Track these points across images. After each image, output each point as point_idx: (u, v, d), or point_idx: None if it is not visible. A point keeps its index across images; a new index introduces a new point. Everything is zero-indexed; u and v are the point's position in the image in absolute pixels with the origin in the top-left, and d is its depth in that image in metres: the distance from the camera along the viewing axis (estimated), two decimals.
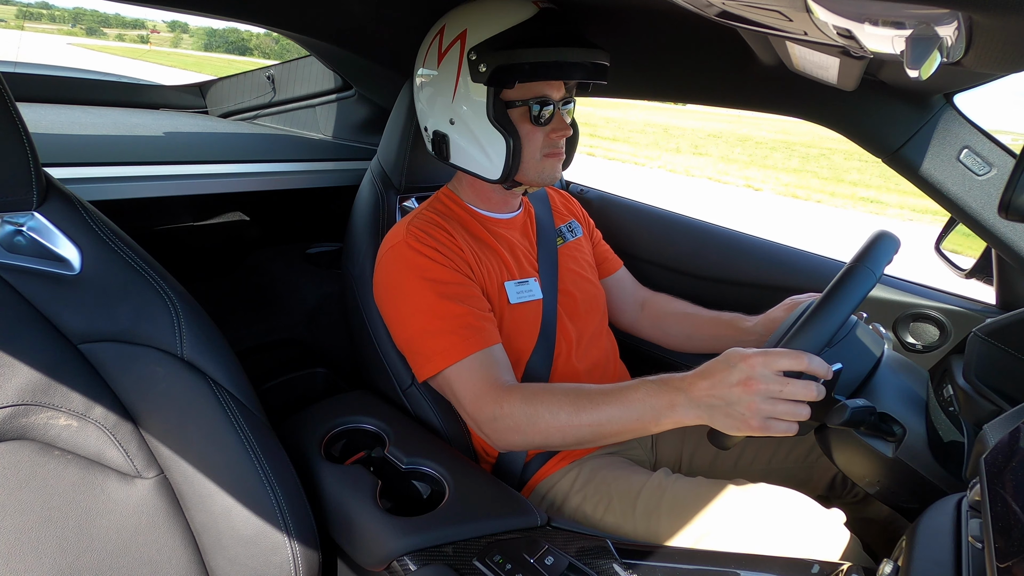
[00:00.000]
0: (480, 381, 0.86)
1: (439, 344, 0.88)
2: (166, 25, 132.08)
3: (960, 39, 0.46)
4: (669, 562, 0.73)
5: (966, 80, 0.84)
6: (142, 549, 0.66)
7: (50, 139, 1.18)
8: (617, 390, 0.78)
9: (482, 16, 0.90)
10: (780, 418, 0.67)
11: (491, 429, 0.85)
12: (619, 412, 0.77)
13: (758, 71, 1.00)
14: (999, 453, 0.49)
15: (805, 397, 0.67)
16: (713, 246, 1.37)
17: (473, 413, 0.86)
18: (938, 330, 1.15)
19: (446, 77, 0.93)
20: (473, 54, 0.88)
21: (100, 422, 0.65)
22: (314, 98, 1.77)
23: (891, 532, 1.00)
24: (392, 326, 0.96)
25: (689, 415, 0.72)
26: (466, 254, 0.95)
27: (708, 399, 0.71)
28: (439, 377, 0.90)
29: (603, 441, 0.81)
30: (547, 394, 0.82)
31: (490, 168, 0.94)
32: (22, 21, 62.27)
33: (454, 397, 0.90)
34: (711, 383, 0.71)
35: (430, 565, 0.71)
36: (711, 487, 0.89)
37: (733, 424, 0.69)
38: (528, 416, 0.81)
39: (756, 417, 0.67)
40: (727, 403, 0.69)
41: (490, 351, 0.88)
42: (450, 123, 0.95)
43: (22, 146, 0.62)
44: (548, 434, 0.81)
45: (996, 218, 0.93)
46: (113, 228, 0.71)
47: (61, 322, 0.65)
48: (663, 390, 0.75)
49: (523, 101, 0.92)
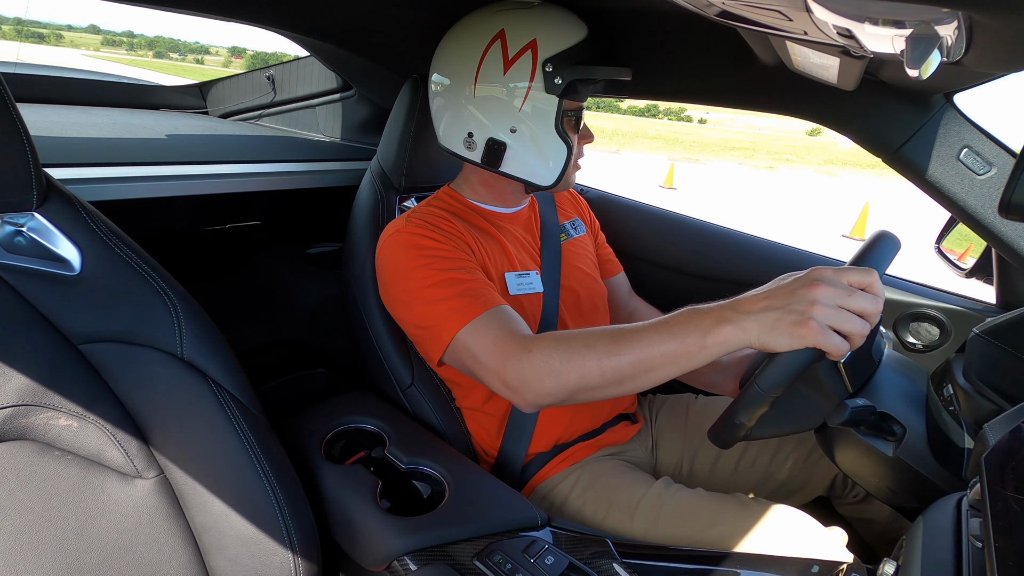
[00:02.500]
0: (501, 333, 0.81)
1: (448, 309, 0.84)
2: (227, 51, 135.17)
3: (960, 39, 0.46)
4: (669, 562, 0.73)
5: (966, 80, 0.84)
6: (142, 549, 0.66)
7: (50, 139, 1.18)
8: (658, 320, 0.73)
9: (549, 28, 0.91)
10: (841, 328, 0.61)
11: (520, 379, 0.77)
12: (661, 338, 0.70)
13: (758, 71, 1.00)
14: (999, 452, 0.49)
15: (871, 311, 0.62)
16: (714, 246, 1.37)
17: (499, 367, 0.79)
18: (938, 330, 1.15)
19: (515, 85, 0.91)
20: (549, 65, 0.89)
21: (100, 422, 0.65)
22: (314, 98, 1.77)
23: (891, 532, 1.00)
24: (399, 312, 0.94)
25: (738, 332, 0.66)
26: (467, 237, 0.95)
27: (762, 308, 0.65)
28: (455, 344, 0.84)
29: (646, 378, 0.72)
30: (581, 332, 0.77)
31: (547, 175, 0.96)
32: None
33: (475, 360, 0.83)
34: (766, 294, 0.66)
35: (430, 565, 0.71)
36: (710, 501, 0.90)
37: (789, 330, 0.63)
38: (561, 354, 0.75)
39: (817, 319, 0.61)
40: (785, 305, 0.64)
41: (503, 309, 0.85)
42: (511, 131, 0.94)
43: (22, 146, 0.62)
44: (585, 372, 0.73)
45: (996, 217, 0.93)
46: (113, 229, 0.71)
47: (61, 323, 0.65)
48: (709, 310, 0.69)
49: (572, 111, 0.95)
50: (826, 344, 0.61)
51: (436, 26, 1.01)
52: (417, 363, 1.03)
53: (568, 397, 0.76)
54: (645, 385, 0.73)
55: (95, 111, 1.69)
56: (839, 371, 0.71)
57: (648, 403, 1.21)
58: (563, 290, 1.05)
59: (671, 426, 1.14)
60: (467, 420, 1.04)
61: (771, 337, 0.64)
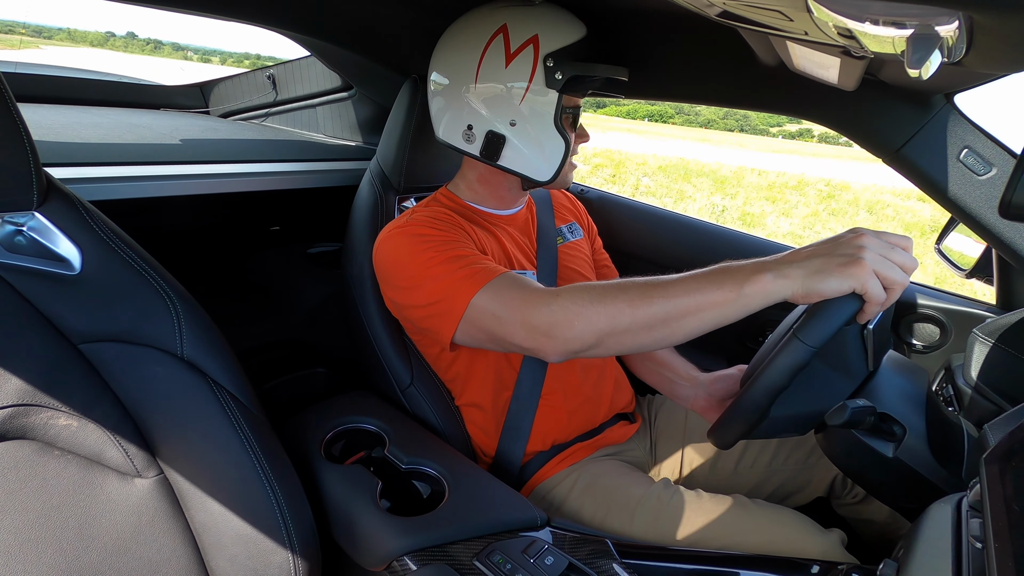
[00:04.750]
0: (521, 289, 0.79)
1: (459, 279, 0.82)
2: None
3: (961, 39, 0.46)
4: (669, 562, 0.73)
5: (967, 80, 0.84)
6: (142, 549, 0.66)
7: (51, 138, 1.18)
8: (694, 272, 0.72)
9: (551, 24, 0.92)
10: (885, 275, 0.62)
11: (549, 321, 0.74)
12: (698, 285, 0.69)
13: (759, 71, 1.00)
14: (999, 453, 0.48)
15: (910, 265, 0.64)
16: (713, 246, 1.37)
17: (524, 315, 0.77)
18: (938, 330, 1.15)
19: (516, 79, 0.92)
20: (550, 60, 0.90)
21: (100, 422, 0.65)
22: (315, 98, 1.77)
23: (891, 533, 1.00)
24: (405, 298, 0.91)
25: (780, 280, 0.65)
26: (467, 229, 0.96)
27: (807, 256, 0.65)
28: (472, 311, 0.81)
29: (678, 326, 0.70)
30: (611, 282, 0.75)
31: (543, 170, 0.96)
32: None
33: (496, 319, 0.79)
34: (809, 249, 0.67)
35: (430, 565, 0.71)
36: (710, 502, 0.90)
37: (840, 271, 0.62)
38: (591, 297, 0.73)
39: (867, 259, 0.62)
40: (833, 252, 0.64)
41: (512, 273, 0.83)
42: (511, 124, 0.94)
43: (23, 146, 0.62)
44: (616, 313, 0.71)
45: (997, 218, 0.93)
46: (114, 228, 0.71)
47: (61, 322, 0.65)
48: (747, 264, 0.68)
49: (571, 109, 0.96)
50: (872, 288, 0.62)
51: (436, 26, 1.01)
52: (416, 363, 1.03)
53: (597, 342, 0.73)
54: (676, 336, 0.71)
55: (96, 111, 1.69)
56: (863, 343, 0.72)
57: (647, 403, 1.21)
58: None
59: (670, 426, 1.14)
60: (465, 420, 1.04)
61: (818, 280, 0.63)
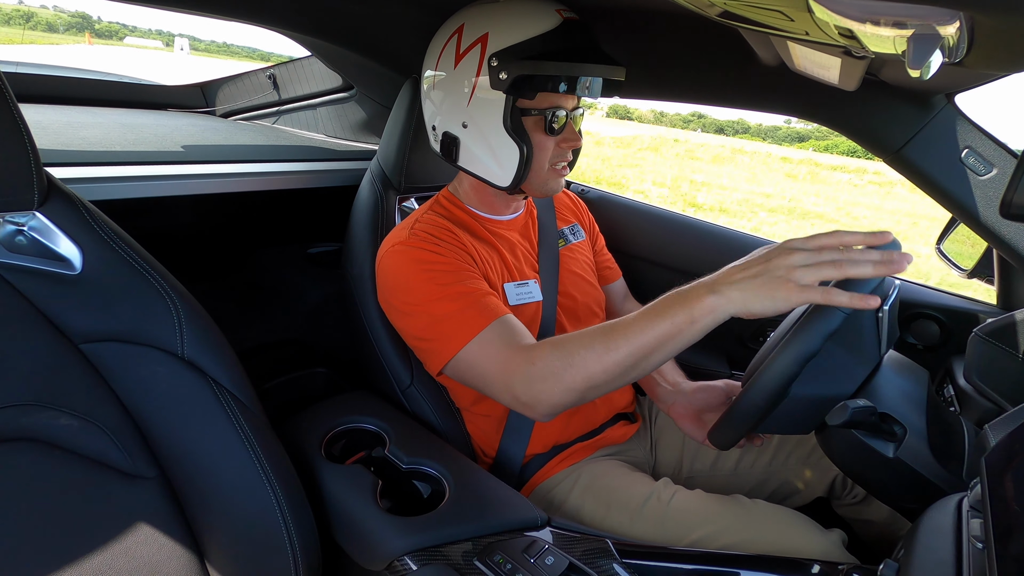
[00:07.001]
0: (504, 348, 0.82)
1: (452, 326, 0.84)
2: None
3: (962, 39, 0.46)
4: (669, 562, 0.73)
5: (968, 80, 0.84)
6: (142, 549, 0.66)
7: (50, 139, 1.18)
8: (643, 309, 0.75)
9: (506, 21, 0.87)
10: (821, 277, 0.64)
11: (528, 392, 0.78)
12: (651, 323, 0.72)
13: (759, 71, 1.00)
14: (1000, 453, 0.48)
15: (840, 259, 0.64)
16: (713, 246, 1.37)
17: (505, 382, 0.80)
18: (938, 330, 1.15)
19: (463, 80, 0.90)
20: (494, 60, 0.86)
21: (101, 422, 0.65)
22: (315, 98, 1.77)
23: (891, 533, 1.00)
24: (401, 323, 0.94)
25: (722, 302, 0.68)
26: (468, 248, 0.95)
27: (741, 278, 0.68)
28: (459, 360, 0.84)
29: (646, 364, 0.74)
30: (576, 335, 0.78)
31: (500, 175, 0.93)
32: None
33: (480, 377, 0.84)
34: (742, 265, 0.69)
35: (430, 565, 0.71)
36: (710, 502, 0.90)
37: (773, 293, 0.65)
38: (563, 359, 0.76)
39: (796, 277, 0.64)
40: (764, 271, 0.67)
41: (505, 319, 0.85)
42: (462, 126, 0.93)
43: (23, 146, 0.62)
44: (589, 373, 0.75)
45: (997, 218, 0.93)
46: (114, 228, 0.71)
47: (62, 322, 0.65)
48: (690, 290, 0.71)
49: (539, 111, 0.90)
50: (817, 297, 0.64)
51: (436, 26, 1.01)
52: (416, 364, 1.03)
53: (580, 398, 0.77)
54: (649, 370, 0.75)
55: (97, 111, 1.69)
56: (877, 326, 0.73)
57: (648, 403, 1.21)
58: (561, 296, 1.05)
59: (670, 426, 1.14)
60: (465, 420, 1.04)
61: (752, 302, 0.66)
